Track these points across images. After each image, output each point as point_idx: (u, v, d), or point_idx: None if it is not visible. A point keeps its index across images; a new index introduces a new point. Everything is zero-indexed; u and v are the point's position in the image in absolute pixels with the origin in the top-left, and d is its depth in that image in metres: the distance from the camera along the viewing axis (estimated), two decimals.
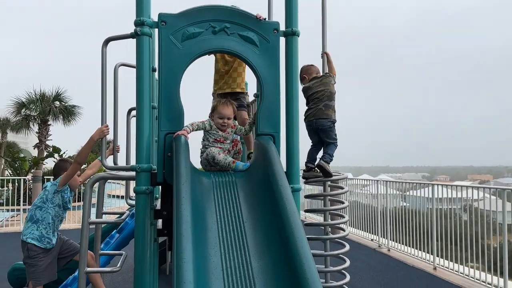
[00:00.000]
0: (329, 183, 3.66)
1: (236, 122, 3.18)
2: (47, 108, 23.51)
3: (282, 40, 3.12)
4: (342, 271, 3.54)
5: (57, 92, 24.38)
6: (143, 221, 2.82)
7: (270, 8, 3.67)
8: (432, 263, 6.73)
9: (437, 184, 7.12)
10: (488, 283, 5.65)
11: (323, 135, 3.66)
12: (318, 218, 10.17)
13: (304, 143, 3.17)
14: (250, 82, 4.53)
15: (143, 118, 2.84)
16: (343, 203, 3.66)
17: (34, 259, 3.65)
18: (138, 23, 2.83)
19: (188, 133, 2.86)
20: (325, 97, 3.59)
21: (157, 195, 4.05)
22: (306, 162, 3.81)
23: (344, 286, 3.56)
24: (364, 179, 11.06)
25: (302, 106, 3.18)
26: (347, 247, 3.57)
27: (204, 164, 2.97)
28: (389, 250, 8.06)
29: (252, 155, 3.32)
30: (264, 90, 3.01)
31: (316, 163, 3.69)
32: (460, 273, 6.19)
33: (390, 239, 8.18)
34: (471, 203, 6.52)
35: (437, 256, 6.67)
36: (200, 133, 3.04)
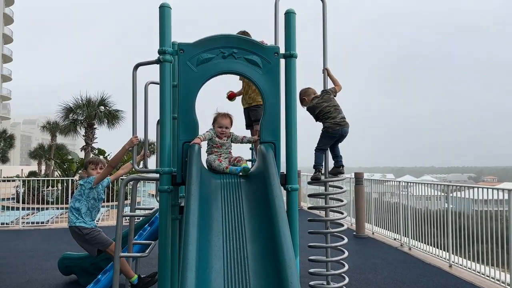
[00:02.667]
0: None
1: (233, 132, 3.71)
2: (93, 113, 24.98)
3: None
4: (341, 261, 4.02)
5: (102, 97, 25.84)
6: (165, 215, 3.42)
7: (276, 34, 4.20)
8: (448, 261, 7.03)
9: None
10: (496, 279, 5.92)
11: (342, 140, 4.32)
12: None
13: (299, 147, 3.66)
14: None
15: (164, 129, 3.44)
16: (342, 201, 4.14)
17: (90, 234, 4.40)
18: (161, 52, 3.43)
19: (201, 141, 3.45)
20: (335, 110, 4.23)
21: (182, 194, 4.66)
22: (316, 165, 4.32)
23: (343, 274, 4.04)
24: (390, 180, 11.33)
25: (300, 118, 3.67)
26: (345, 240, 4.04)
27: (208, 167, 3.54)
28: (410, 248, 8.36)
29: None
30: (267, 104, 3.54)
31: (338, 164, 4.31)
32: (473, 270, 6.47)
33: (411, 238, 8.48)
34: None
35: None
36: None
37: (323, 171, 4.27)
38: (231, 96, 5.29)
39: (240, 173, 3.37)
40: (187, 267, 2.36)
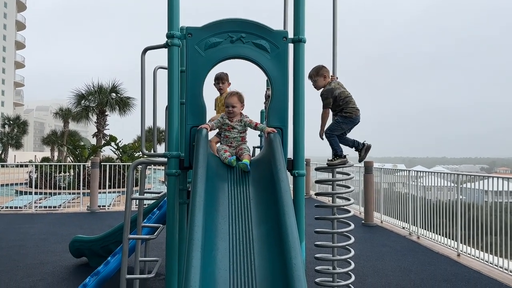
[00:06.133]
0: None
1: (247, 117, 3.64)
2: (104, 100, 25.18)
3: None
4: (347, 246, 4.03)
5: (113, 84, 26.01)
6: (173, 198, 3.46)
7: (286, 18, 4.17)
8: (456, 250, 7.01)
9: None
10: (505, 269, 5.90)
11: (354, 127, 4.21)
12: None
13: (308, 135, 3.64)
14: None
15: (172, 114, 3.46)
16: (349, 187, 4.14)
17: None
18: (169, 36, 3.44)
19: (209, 128, 3.45)
20: (350, 95, 4.09)
21: (190, 179, 4.69)
22: (341, 152, 4.19)
23: (349, 260, 4.05)
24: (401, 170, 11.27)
25: (308, 103, 3.65)
26: (352, 226, 4.05)
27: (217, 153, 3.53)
28: (418, 237, 8.35)
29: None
30: (274, 89, 3.53)
31: (361, 146, 4.22)
32: (481, 259, 6.45)
33: (420, 227, 8.46)
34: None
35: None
36: None
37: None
38: None
39: (242, 169, 3.31)
40: (193, 248, 2.39)
